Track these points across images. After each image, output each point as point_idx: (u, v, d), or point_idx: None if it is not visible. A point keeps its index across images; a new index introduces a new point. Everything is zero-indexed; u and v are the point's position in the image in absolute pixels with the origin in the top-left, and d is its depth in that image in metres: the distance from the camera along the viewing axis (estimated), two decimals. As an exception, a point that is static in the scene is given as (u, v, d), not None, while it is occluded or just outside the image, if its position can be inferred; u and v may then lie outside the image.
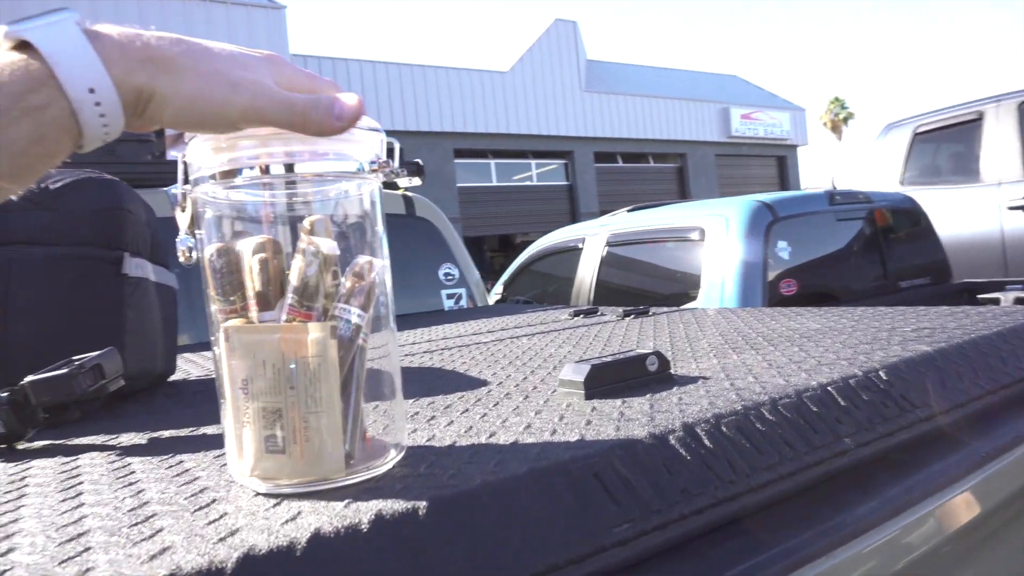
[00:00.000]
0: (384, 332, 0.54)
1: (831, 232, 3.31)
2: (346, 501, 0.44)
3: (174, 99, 0.43)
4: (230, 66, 0.44)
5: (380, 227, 0.55)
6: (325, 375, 0.47)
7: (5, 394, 0.70)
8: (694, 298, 3.06)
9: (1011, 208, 4.21)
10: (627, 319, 1.53)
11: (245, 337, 0.48)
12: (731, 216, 3.09)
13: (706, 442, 0.56)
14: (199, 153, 0.49)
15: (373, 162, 0.51)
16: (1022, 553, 0.78)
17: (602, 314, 1.71)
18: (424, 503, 0.43)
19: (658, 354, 0.76)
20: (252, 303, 0.49)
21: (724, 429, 0.58)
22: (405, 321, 1.97)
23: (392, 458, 0.52)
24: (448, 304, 2.49)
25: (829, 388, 0.68)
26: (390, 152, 0.56)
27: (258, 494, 0.48)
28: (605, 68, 20.47)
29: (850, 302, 3.16)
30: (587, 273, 3.73)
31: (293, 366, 0.47)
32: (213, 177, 0.49)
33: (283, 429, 0.47)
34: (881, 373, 0.73)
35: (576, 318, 1.67)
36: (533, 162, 18.52)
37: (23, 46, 0.40)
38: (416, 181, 2.54)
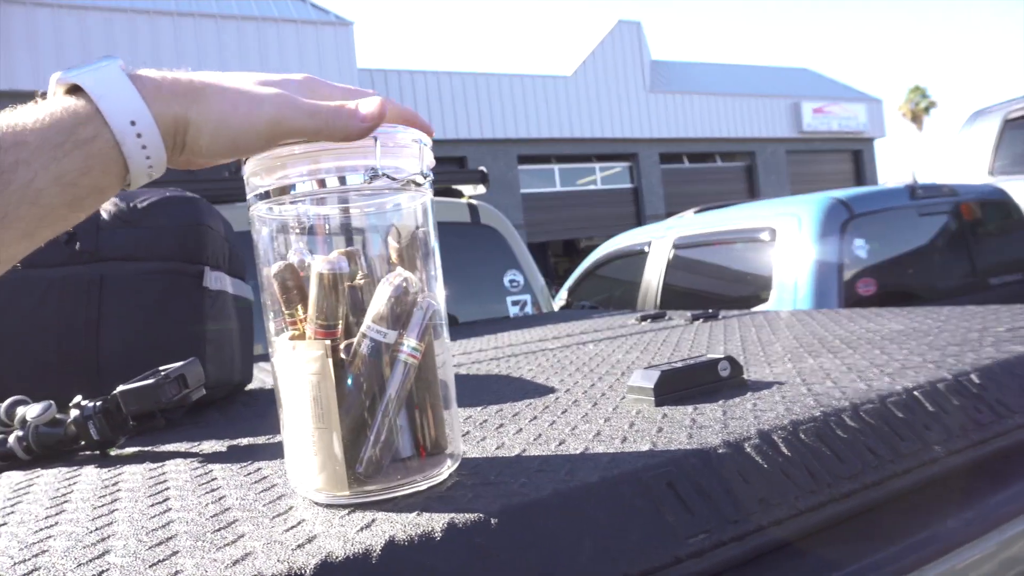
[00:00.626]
0: (436, 342, 0.53)
1: (913, 228, 3.16)
2: (418, 510, 0.45)
3: (206, 124, 0.45)
4: (253, 85, 0.47)
5: (433, 239, 0.55)
6: (325, 392, 0.48)
7: (99, 403, 0.74)
8: (765, 300, 2.97)
9: (1114, 197, 3.92)
10: (696, 323, 1.50)
11: (276, 355, 0.51)
12: (804, 215, 2.99)
13: (784, 450, 0.54)
14: (254, 171, 0.50)
15: (426, 174, 0.52)
16: None
17: (669, 318, 1.68)
18: (496, 511, 0.43)
19: (730, 359, 0.74)
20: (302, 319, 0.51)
21: (803, 436, 0.56)
22: (471, 328, 1.99)
23: (448, 467, 0.52)
24: (513, 311, 2.50)
25: (915, 393, 0.64)
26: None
27: (315, 503, 0.49)
28: (670, 68, 20.18)
29: (935, 301, 3.01)
30: (653, 277, 3.67)
31: (305, 383, 0.48)
32: (268, 195, 0.50)
33: (309, 442, 0.49)
34: (973, 376, 0.69)
35: (643, 323, 1.65)
36: (597, 165, 18.41)
37: (74, 90, 0.43)
38: (481, 189, 2.57)
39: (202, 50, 11.86)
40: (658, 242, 3.76)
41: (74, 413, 0.75)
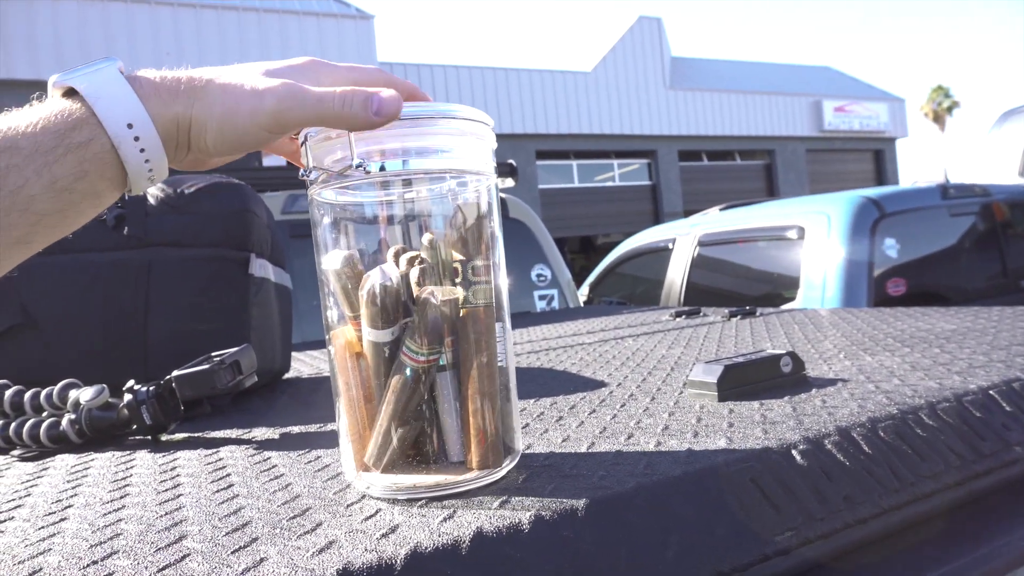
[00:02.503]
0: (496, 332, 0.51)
1: (944, 228, 3.11)
2: (499, 502, 0.44)
3: (209, 120, 0.43)
4: (255, 78, 0.45)
5: (498, 228, 0.53)
6: (342, 386, 0.49)
7: (152, 388, 0.74)
8: (792, 299, 2.94)
9: None
10: (734, 320, 1.48)
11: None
12: (833, 213, 2.95)
13: (864, 447, 0.52)
14: (311, 155, 0.49)
15: (490, 162, 0.51)
16: None
17: (704, 315, 1.66)
18: (582, 504, 0.42)
19: (792, 355, 0.73)
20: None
21: (882, 434, 0.54)
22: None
23: (507, 464, 0.50)
24: (540, 305, 2.49)
25: (991, 392, 0.63)
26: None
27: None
28: (690, 64, 20.04)
29: (965, 303, 2.96)
30: (677, 274, 3.65)
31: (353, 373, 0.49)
32: (324, 180, 0.48)
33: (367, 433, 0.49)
34: (1047, 377, 0.67)
35: (678, 319, 1.63)
36: (615, 162, 18.33)
37: (70, 93, 0.42)
38: (509, 182, 2.55)
39: (224, 43, 11.94)
40: (683, 239, 3.73)
41: (127, 397, 0.75)
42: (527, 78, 16.47)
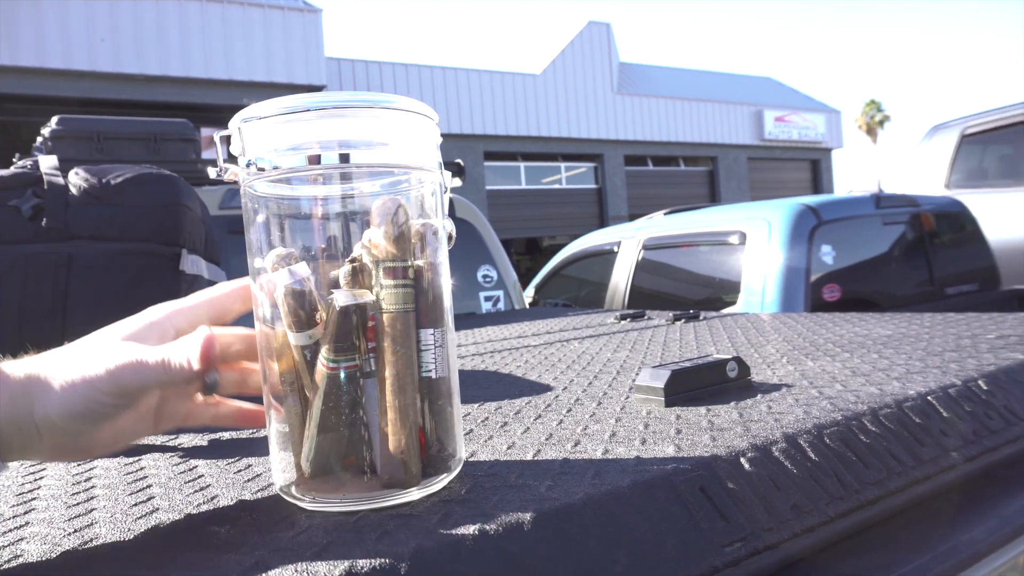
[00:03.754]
0: (434, 337, 0.48)
1: (877, 236, 3.22)
2: (438, 516, 0.42)
3: (50, 414, 0.42)
4: (96, 351, 0.44)
5: (441, 227, 0.50)
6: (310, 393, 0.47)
7: (69, 392, 0.69)
8: (732, 303, 3.00)
9: (1064, 213, 4.07)
10: (678, 323, 1.49)
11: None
12: (774, 219, 3.02)
13: (811, 454, 0.52)
14: (246, 143, 0.46)
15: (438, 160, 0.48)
16: None
17: (649, 318, 1.67)
18: (528, 517, 0.40)
19: (738, 360, 0.73)
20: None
21: (827, 441, 0.54)
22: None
23: (453, 471, 0.48)
24: (486, 306, 2.47)
25: (929, 398, 0.63)
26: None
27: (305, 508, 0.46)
28: (637, 70, 20.34)
29: (895, 309, 3.07)
30: (622, 277, 3.68)
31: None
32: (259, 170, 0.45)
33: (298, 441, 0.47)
34: (980, 383, 0.69)
35: (623, 322, 1.63)
36: (563, 164, 18.45)
37: None
38: (457, 182, 2.52)
39: (163, 30, 11.51)
40: (628, 242, 3.77)
41: (40, 402, 0.70)
42: (477, 79, 16.43)
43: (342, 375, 0.44)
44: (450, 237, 0.52)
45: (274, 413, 0.47)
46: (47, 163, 0.96)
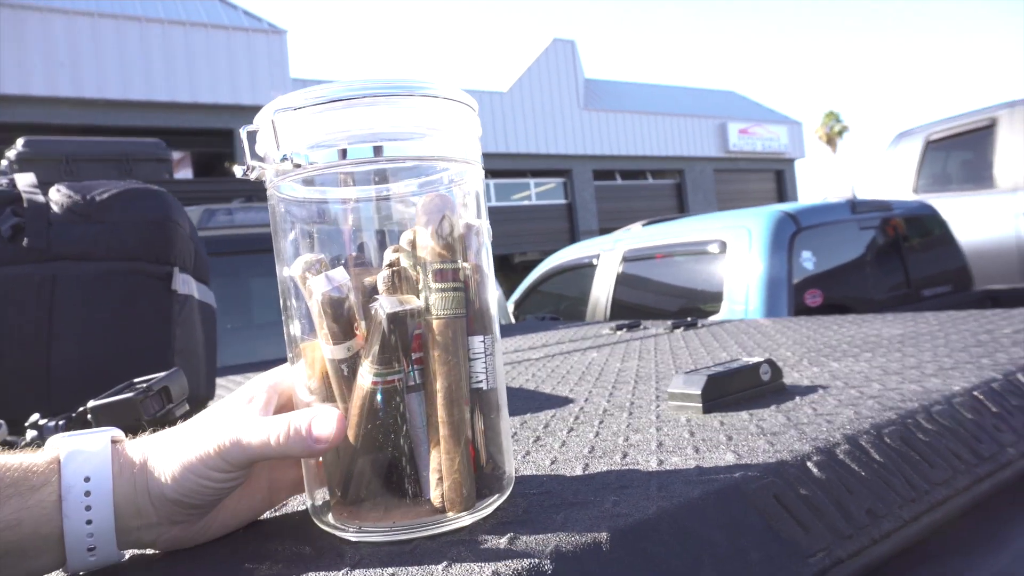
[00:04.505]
0: (481, 347, 0.44)
1: (854, 241, 3.26)
2: (505, 539, 0.38)
3: (162, 501, 0.40)
4: (202, 430, 0.42)
5: (485, 226, 0.46)
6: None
7: (62, 422, 0.64)
8: (714, 312, 3.00)
9: (1028, 214, 4.17)
10: (677, 331, 1.47)
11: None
12: (754, 227, 3.04)
13: (875, 456, 0.49)
14: (280, 138, 0.42)
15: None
16: None
17: (645, 327, 1.65)
18: (604, 535, 0.37)
19: (770, 362, 0.70)
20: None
21: (888, 441, 0.51)
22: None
23: (506, 490, 0.44)
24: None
25: (975, 393, 0.61)
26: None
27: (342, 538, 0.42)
28: (603, 86, 20.57)
29: (874, 312, 3.10)
30: (602, 290, 3.67)
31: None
32: (284, 169, 0.41)
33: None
34: (1020, 376, 0.67)
35: (620, 332, 1.61)
36: (532, 181, 18.53)
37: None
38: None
39: (124, 54, 11.32)
40: (607, 255, 3.76)
41: (30, 434, 0.64)
42: (444, 97, 16.45)
43: (386, 390, 0.40)
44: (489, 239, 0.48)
45: None
46: (25, 180, 0.91)
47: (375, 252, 0.43)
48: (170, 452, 0.41)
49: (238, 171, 0.43)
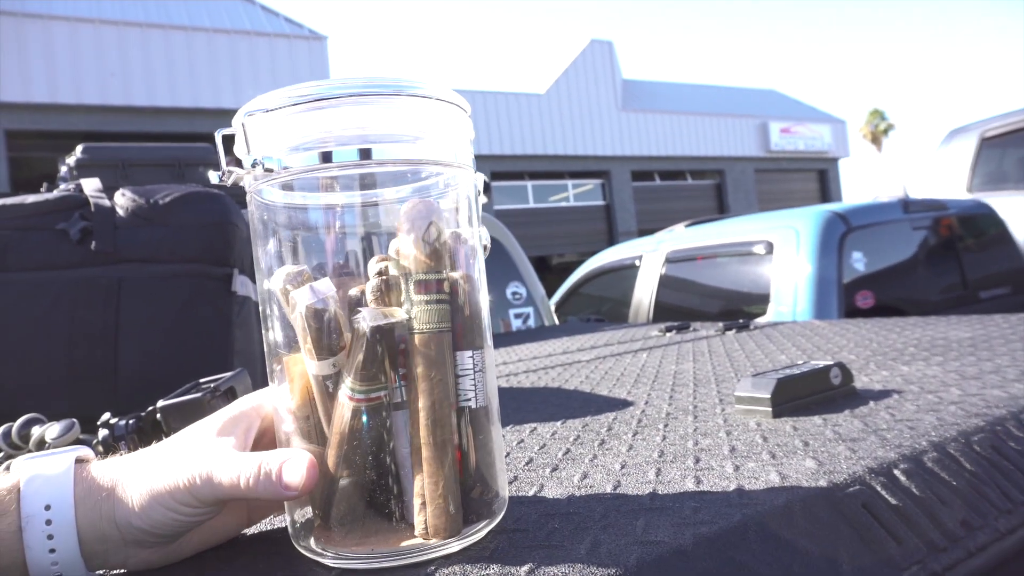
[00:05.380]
0: (467, 360, 0.41)
1: (906, 241, 3.17)
2: (588, 544, 0.37)
3: (130, 529, 0.39)
4: (170, 466, 0.40)
5: (477, 235, 0.44)
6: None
7: (133, 421, 0.65)
8: (761, 314, 2.94)
9: (1090, 212, 4.00)
10: (729, 333, 1.44)
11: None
12: (802, 228, 2.97)
13: (966, 464, 0.47)
14: (251, 141, 0.40)
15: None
16: None
17: (695, 329, 1.62)
18: (688, 544, 0.35)
19: (841, 365, 0.68)
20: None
21: (977, 449, 0.49)
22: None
23: (497, 515, 0.42)
24: (516, 324, 2.42)
25: (1065, 400, 0.58)
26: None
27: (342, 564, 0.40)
28: (641, 87, 20.42)
29: (930, 314, 3.01)
30: (645, 292, 3.63)
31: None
32: (266, 171, 0.39)
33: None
34: (1111, 382, 0.63)
35: (670, 334, 1.58)
36: (570, 182, 18.48)
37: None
38: (483, 199, 2.49)
39: (171, 62, 11.64)
40: (649, 256, 3.72)
41: (102, 433, 0.66)
42: (482, 100, 16.53)
43: (370, 408, 0.38)
44: (485, 247, 0.47)
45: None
46: (91, 186, 0.93)
47: (362, 261, 0.41)
48: (140, 480, 0.39)
49: (213, 177, 0.42)
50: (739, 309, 3.10)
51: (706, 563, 0.35)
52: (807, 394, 0.64)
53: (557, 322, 2.72)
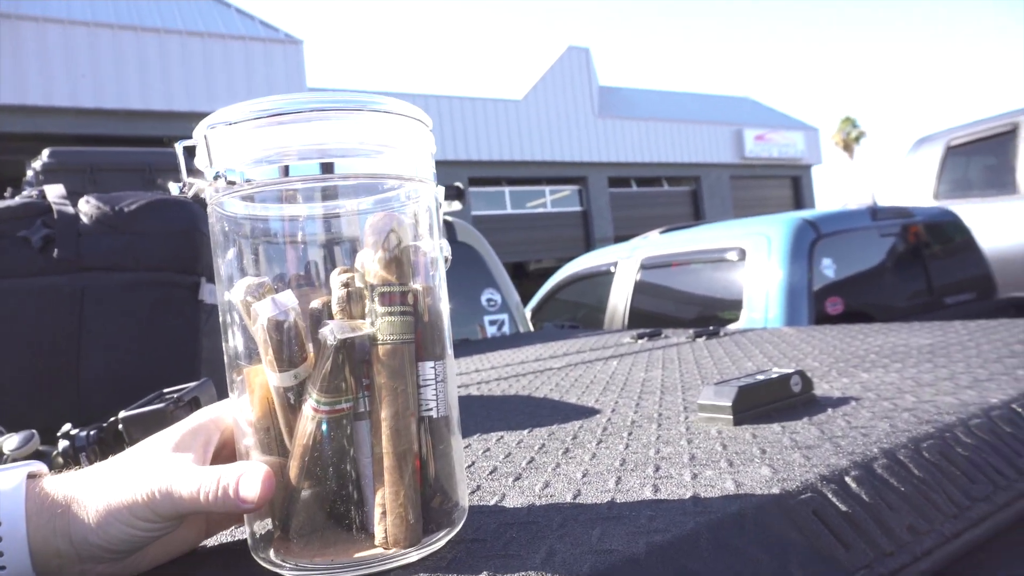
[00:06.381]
0: (431, 371, 0.42)
1: (875, 248, 3.23)
2: (543, 553, 0.38)
3: (85, 546, 0.39)
4: (129, 475, 0.40)
5: (438, 247, 0.45)
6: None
7: (94, 432, 0.64)
8: (734, 320, 2.98)
9: (1052, 220, 4.11)
10: (699, 340, 1.46)
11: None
12: (773, 235, 3.01)
13: (914, 471, 0.48)
14: (213, 153, 0.40)
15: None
16: None
17: (666, 336, 1.64)
18: (642, 550, 0.36)
19: (801, 373, 0.69)
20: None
21: (927, 455, 0.50)
22: (456, 350, 1.91)
23: (456, 524, 0.42)
24: (491, 331, 2.43)
25: (1014, 406, 0.60)
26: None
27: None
28: (618, 93, 20.57)
29: (896, 319, 3.06)
30: (620, 298, 3.65)
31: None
32: (227, 183, 0.39)
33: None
34: (1058, 389, 0.65)
35: (641, 340, 1.60)
36: (547, 188, 18.55)
37: None
38: (457, 205, 2.49)
39: (143, 65, 11.49)
40: (624, 263, 3.75)
41: (62, 444, 0.65)
42: (459, 105, 16.53)
43: (334, 419, 0.39)
44: (446, 259, 0.47)
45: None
46: (54, 192, 0.92)
47: (323, 273, 0.41)
48: (96, 495, 0.39)
49: (174, 188, 0.42)
50: (713, 315, 3.13)
51: (658, 571, 0.36)
52: (768, 401, 0.65)
53: (532, 328, 2.73)
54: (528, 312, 4.45)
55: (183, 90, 11.78)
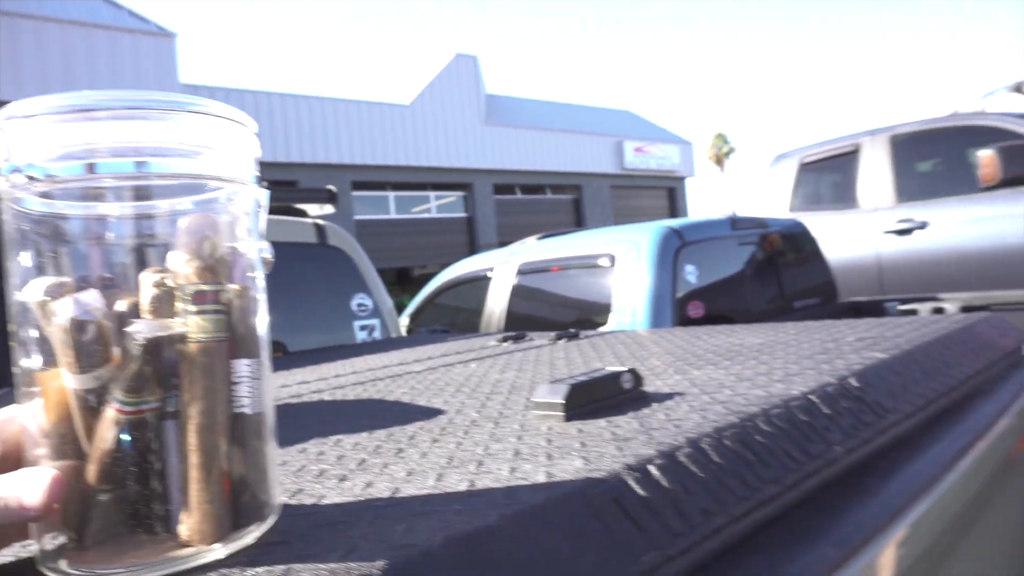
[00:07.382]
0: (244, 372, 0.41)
1: (733, 256, 3.45)
2: (343, 550, 0.38)
3: None
4: None
5: (255, 249, 0.44)
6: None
7: None
8: (603, 323, 3.09)
9: (886, 232, 4.56)
10: (560, 342, 1.50)
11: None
12: (641, 242, 3.15)
13: (714, 457, 0.52)
14: (12, 147, 0.38)
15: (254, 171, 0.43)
16: (999, 539, 0.79)
17: (531, 339, 1.67)
18: (440, 541, 0.37)
19: (632, 371, 0.73)
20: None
21: (728, 443, 0.55)
22: (322, 355, 1.86)
23: (267, 520, 0.41)
24: (361, 336, 2.39)
25: (811, 396, 0.66)
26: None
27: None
28: (504, 102, 20.87)
29: (752, 322, 3.28)
30: (497, 303, 3.70)
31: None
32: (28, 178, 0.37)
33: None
34: (852, 380, 0.73)
35: (505, 343, 1.63)
36: (432, 194, 18.51)
37: None
38: (329, 209, 2.44)
39: (-12, 50, 10.47)
40: (501, 268, 3.80)
41: None
42: (344, 108, 16.19)
43: (139, 420, 0.38)
44: (268, 262, 0.47)
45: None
46: None
47: (134, 274, 0.40)
48: None
49: None
50: (585, 319, 3.23)
51: (455, 562, 0.37)
52: (600, 398, 0.69)
53: (404, 333, 2.71)
54: (406, 317, 4.41)
55: (37, 80, 10.81)
